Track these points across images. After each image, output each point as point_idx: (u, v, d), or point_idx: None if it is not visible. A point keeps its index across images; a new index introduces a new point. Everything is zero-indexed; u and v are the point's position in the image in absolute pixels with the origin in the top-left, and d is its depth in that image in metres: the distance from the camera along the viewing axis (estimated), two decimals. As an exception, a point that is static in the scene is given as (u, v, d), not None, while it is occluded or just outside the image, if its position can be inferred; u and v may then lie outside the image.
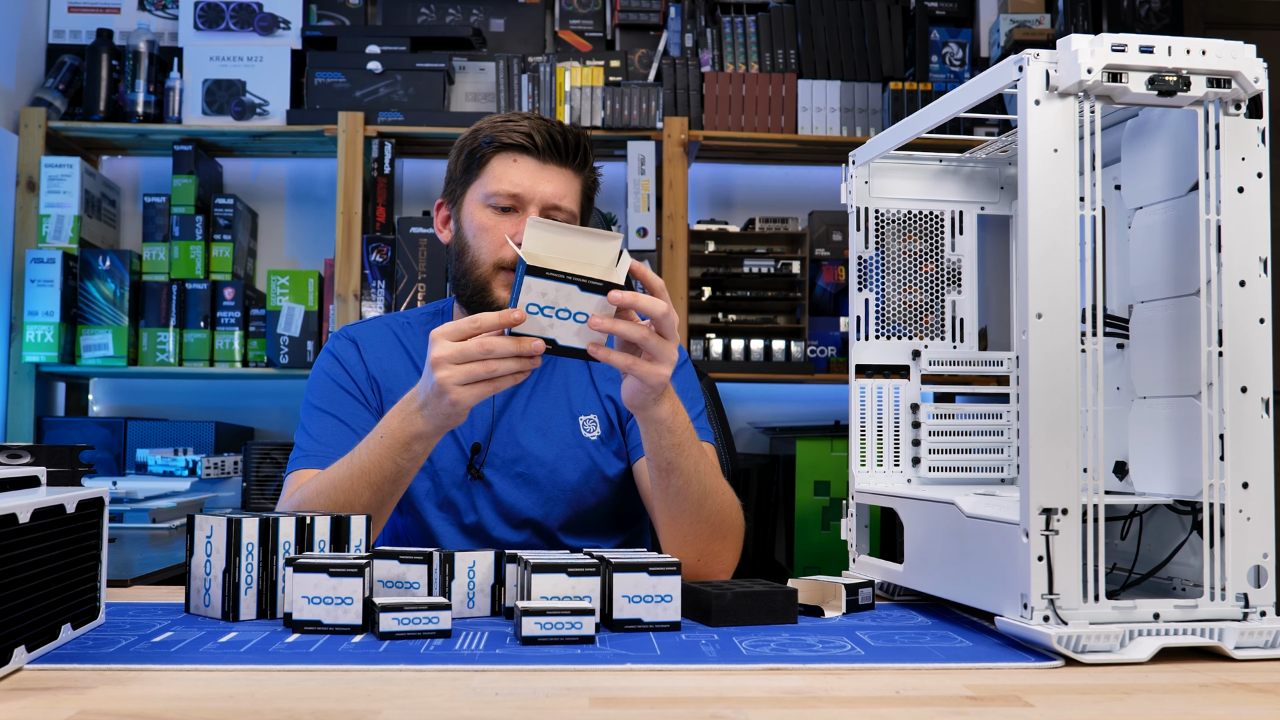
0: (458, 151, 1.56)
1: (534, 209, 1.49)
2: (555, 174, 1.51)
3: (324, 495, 1.36)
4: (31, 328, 2.99)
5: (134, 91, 3.13)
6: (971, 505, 1.12)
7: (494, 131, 1.51)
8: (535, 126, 1.51)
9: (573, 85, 3.16)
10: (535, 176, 1.50)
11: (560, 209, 1.51)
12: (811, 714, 0.80)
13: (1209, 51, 1.01)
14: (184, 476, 2.73)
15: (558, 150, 1.50)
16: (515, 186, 1.49)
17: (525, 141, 1.50)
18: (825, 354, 3.21)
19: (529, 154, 1.50)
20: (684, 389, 1.60)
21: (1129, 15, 3.24)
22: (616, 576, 1.09)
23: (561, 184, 1.51)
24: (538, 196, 1.49)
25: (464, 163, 1.54)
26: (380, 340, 1.61)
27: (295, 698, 0.83)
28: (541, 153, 1.50)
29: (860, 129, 3.21)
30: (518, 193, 1.49)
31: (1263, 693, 0.88)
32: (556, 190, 1.50)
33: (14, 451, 1.25)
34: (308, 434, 1.52)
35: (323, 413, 1.53)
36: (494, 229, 1.50)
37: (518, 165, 1.50)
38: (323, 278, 3.14)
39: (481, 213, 1.51)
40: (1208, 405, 1.02)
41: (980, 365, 1.40)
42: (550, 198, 1.50)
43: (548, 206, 1.50)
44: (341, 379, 1.56)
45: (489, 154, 1.51)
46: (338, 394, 1.54)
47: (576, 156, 1.53)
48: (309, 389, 1.58)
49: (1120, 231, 1.21)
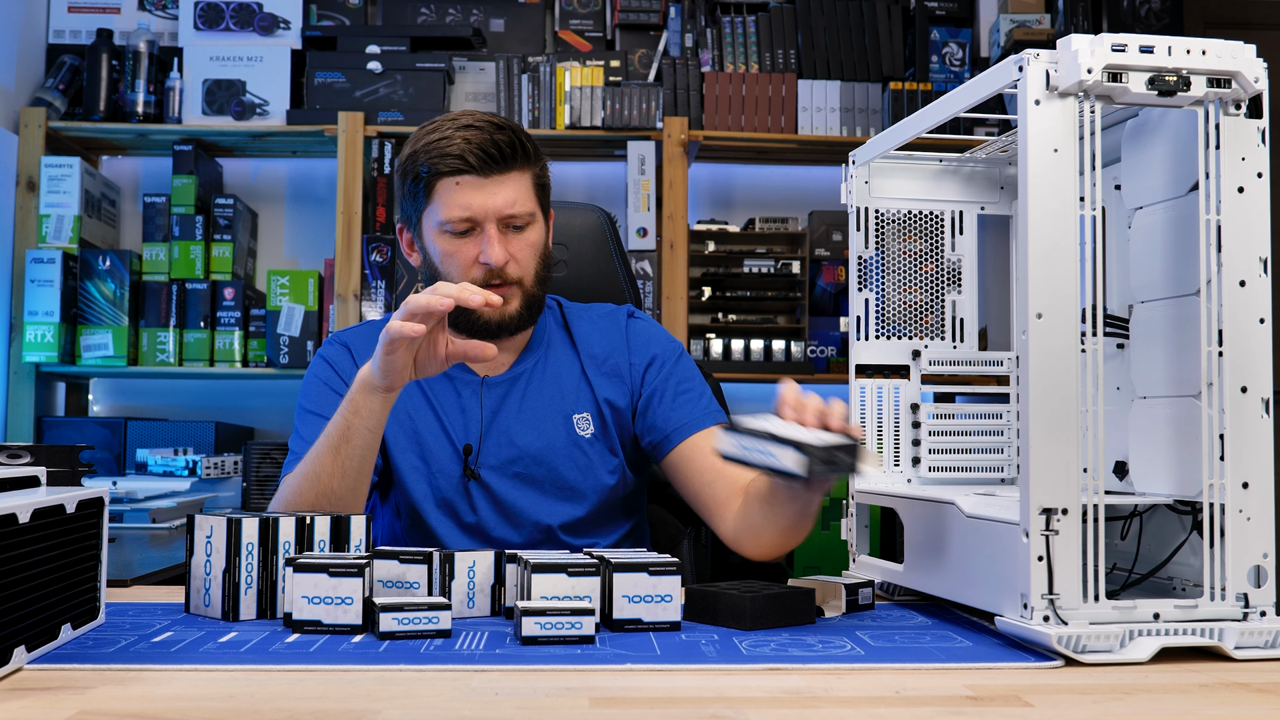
0: (401, 177, 1.54)
1: (490, 225, 1.48)
2: (500, 183, 1.48)
3: (298, 473, 1.41)
4: (31, 328, 2.99)
5: (134, 91, 3.13)
6: (971, 505, 1.12)
7: (429, 158, 1.48)
8: (465, 142, 1.47)
9: (573, 85, 3.16)
10: (482, 193, 1.48)
11: (516, 215, 1.50)
12: (811, 714, 0.80)
13: (1209, 51, 1.01)
14: (184, 476, 2.73)
15: (495, 161, 1.48)
16: (465, 209, 1.48)
17: (461, 165, 1.47)
18: (825, 354, 3.21)
19: (469, 173, 1.47)
20: (692, 375, 1.62)
21: (1129, 15, 3.24)
22: (616, 576, 1.09)
23: (510, 190, 1.49)
24: (490, 211, 1.48)
25: (409, 190, 1.53)
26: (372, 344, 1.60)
27: (295, 698, 0.83)
28: (480, 169, 1.47)
29: (860, 129, 3.21)
30: (469, 214, 1.48)
31: (1263, 693, 0.88)
32: (507, 198, 1.48)
33: (14, 451, 1.25)
34: (300, 437, 1.54)
35: (313, 415, 1.54)
36: (458, 253, 1.50)
37: (461, 187, 1.48)
38: (323, 278, 3.14)
39: (442, 239, 1.50)
40: (1208, 405, 1.02)
41: (980, 365, 1.39)
42: (503, 209, 1.48)
43: (503, 218, 1.49)
44: (333, 382, 1.57)
45: (431, 181, 1.49)
46: (328, 396, 1.55)
47: (516, 157, 1.50)
48: (302, 393, 1.59)
49: (1120, 231, 1.21)
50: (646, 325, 1.66)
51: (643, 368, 1.61)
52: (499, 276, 1.49)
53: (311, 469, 1.39)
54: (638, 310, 1.70)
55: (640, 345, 1.63)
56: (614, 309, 1.68)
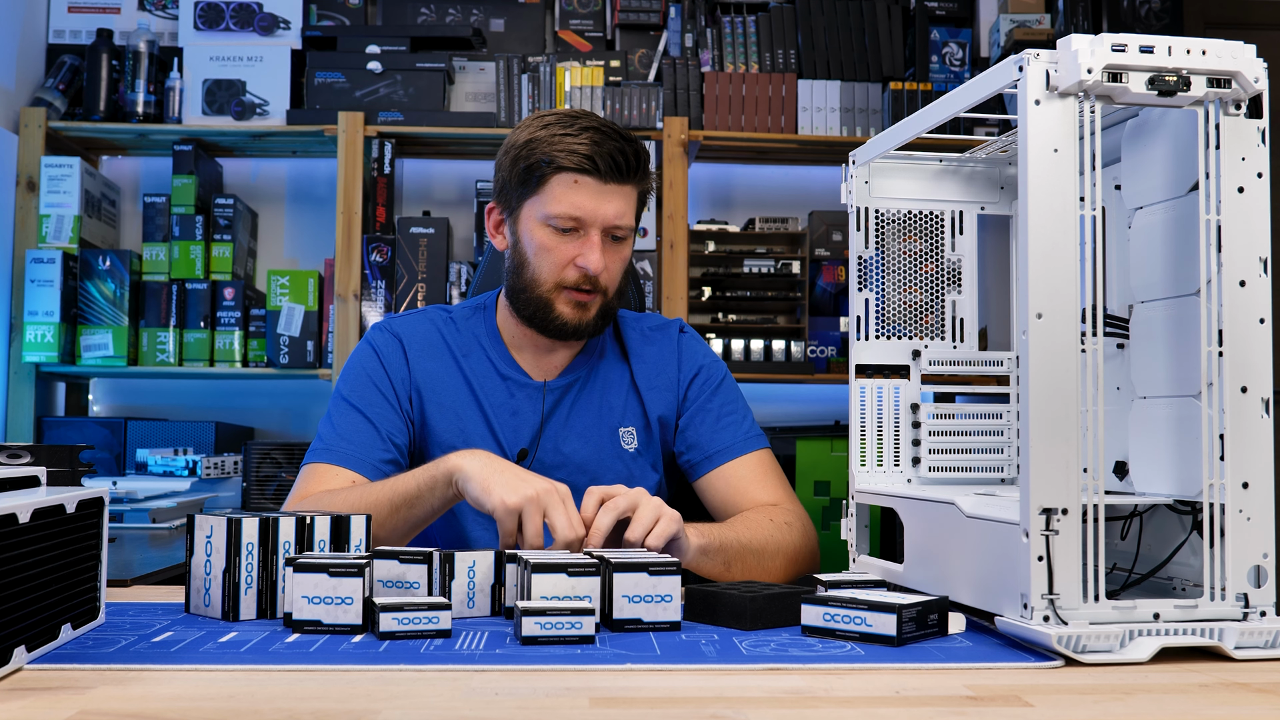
0: (513, 161, 1.51)
1: (595, 231, 1.48)
2: (615, 193, 1.48)
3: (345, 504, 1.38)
4: (31, 328, 2.99)
5: (134, 91, 3.13)
6: (971, 505, 1.12)
7: (553, 150, 1.46)
8: (595, 145, 1.46)
9: (573, 85, 3.16)
10: (597, 199, 1.47)
11: (620, 227, 1.50)
12: (811, 714, 0.80)
13: (1209, 51, 1.01)
14: (184, 476, 2.73)
15: (619, 171, 1.47)
16: (577, 210, 1.47)
17: (588, 165, 1.46)
18: (825, 354, 3.21)
19: (591, 175, 1.46)
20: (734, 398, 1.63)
21: (1129, 15, 3.24)
22: (616, 576, 1.09)
23: (621, 202, 1.49)
24: (599, 219, 1.47)
25: (520, 175, 1.50)
26: (425, 338, 1.59)
27: (295, 698, 0.83)
28: (604, 175, 1.47)
29: (860, 129, 3.20)
30: (580, 215, 1.47)
31: (1263, 693, 0.88)
32: (618, 210, 1.48)
33: (14, 451, 1.25)
34: (332, 426, 1.51)
35: (352, 408, 1.51)
36: (556, 250, 1.49)
37: (579, 187, 1.47)
38: (323, 278, 3.14)
39: (542, 232, 1.49)
40: (1208, 405, 1.02)
41: (980, 365, 1.39)
42: (612, 219, 1.48)
43: (609, 227, 1.49)
44: (377, 376, 1.54)
45: (548, 172, 1.47)
46: (370, 391, 1.52)
47: (635, 173, 1.50)
48: (343, 377, 1.55)
49: (1120, 231, 1.21)
50: (696, 342, 1.67)
51: (688, 382, 1.61)
52: (590, 283, 1.49)
53: (360, 507, 1.35)
54: (687, 325, 1.71)
55: (689, 361, 1.63)
56: (666, 322, 1.68)
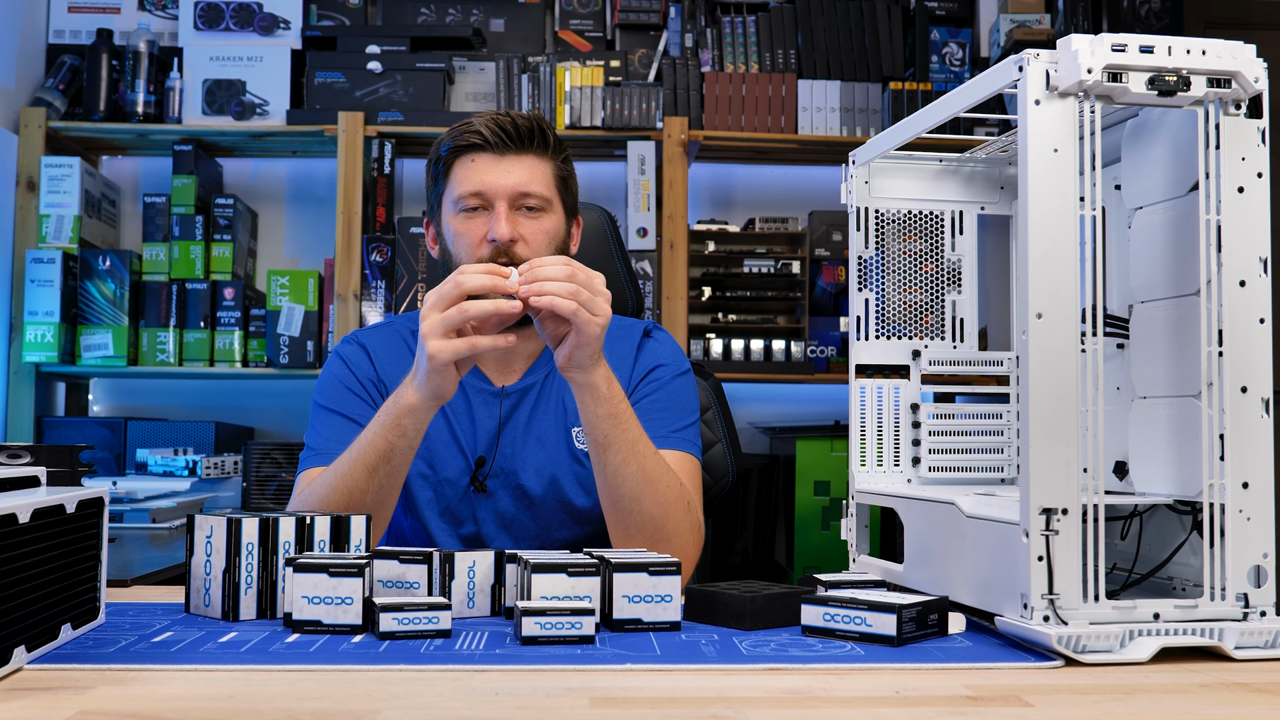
0: (427, 167, 1.57)
1: (501, 202, 1.47)
2: (515, 163, 1.49)
3: (326, 485, 1.39)
4: (31, 328, 2.99)
5: (134, 91, 3.13)
6: (971, 505, 1.12)
7: (449, 137, 1.51)
8: (486, 121, 1.49)
9: (573, 85, 3.16)
10: (494, 170, 1.48)
11: (530, 194, 1.48)
12: (811, 714, 0.80)
13: (1209, 51, 1.01)
14: (184, 476, 2.73)
15: (511, 139, 1.48)
16: (476, 185, 1.48)
17: (477, 139, 1.48)
18: (825, 354, 3.21)
19: (484, 150, 1.49)
20: (677, 398, 1.58)
21: (1129, 15, 3.24)
22: (616, 576, 1.09)
23: (524, 171, 1.49)
24: (501, 189, 1.47)
25: (432, 175, 1.55)
26: (388, 345, 1.61)
27: (295, 698, 0.83)
28: (495, 146, 1.48)
29: (860, 129, 3.21)
30: (480, 190, 1.47)
31: (1263, 693, 0.88)
32: (520, 179, 1.48)
33: (14, 451, 1.25)
34: (316, 433, 1.54)
35: (330, 412, 1.54)
36: (468, 231, 1.49)
37: (476, 164, 1.49)
38: (323, 278, 3.14)
39: (455, 220, 1.50)
40: (1208, 405, 1.02)
41: (980, 365, 1.39)
42: (515, 186, 1.48)
43: (515, 195, 1.48)
44: (349, 381, 1.56)
45: (449, 160, 1.51)
46: (345, 394, 1.55)
47: (534, 140, 1.50)
48: (317, 391, 1.58)
49: (1120, 231, 1.21)
50: (660, 344, 1.64)
51: (640, 378, 1.59)
52: (506, 255, 1.45)
53: (343, 483, 1.37)
54: (659, 328, 1.68)
55: (647, 358, 1.61)
56: (634, 323, 1.66)
